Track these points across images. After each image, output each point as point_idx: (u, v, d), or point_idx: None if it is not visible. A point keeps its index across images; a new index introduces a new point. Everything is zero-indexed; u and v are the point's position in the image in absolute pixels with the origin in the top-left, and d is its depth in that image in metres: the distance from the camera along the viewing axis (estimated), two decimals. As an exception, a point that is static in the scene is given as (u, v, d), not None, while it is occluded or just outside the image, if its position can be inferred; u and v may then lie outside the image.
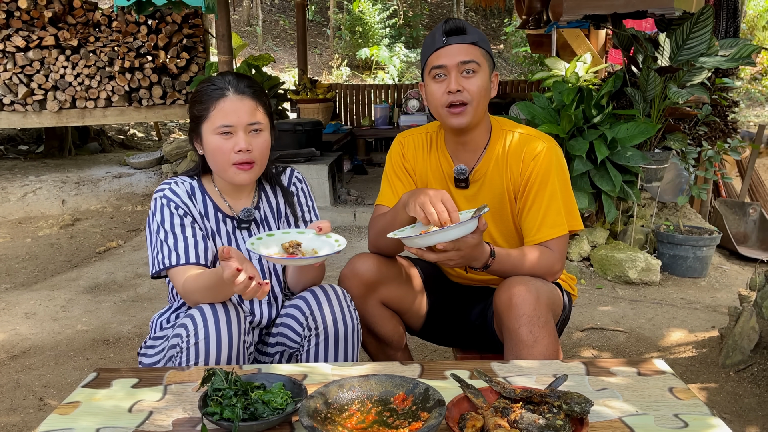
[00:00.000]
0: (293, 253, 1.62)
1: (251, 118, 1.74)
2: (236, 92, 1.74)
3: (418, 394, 1.29)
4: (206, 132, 1.75)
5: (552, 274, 1.87)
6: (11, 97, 6.55)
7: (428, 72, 1.85)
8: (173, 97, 6.81)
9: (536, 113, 4.17)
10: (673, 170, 4.51)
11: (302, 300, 1.80)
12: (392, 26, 16.99)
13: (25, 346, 3.21)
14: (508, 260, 1.79)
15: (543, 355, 1.67)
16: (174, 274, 1.74)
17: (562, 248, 1.87)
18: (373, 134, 7.97)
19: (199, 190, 1.85)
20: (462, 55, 1.79)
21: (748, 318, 2.81)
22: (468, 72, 1.80)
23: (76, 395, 1.41)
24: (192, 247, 1.75)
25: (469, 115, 1.82)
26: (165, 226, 1.76)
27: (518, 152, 1.89)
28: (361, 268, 1.92)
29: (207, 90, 1.75)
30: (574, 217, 1.90)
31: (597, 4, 4.06)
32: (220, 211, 1.85)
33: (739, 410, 2.48)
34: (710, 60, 3.94)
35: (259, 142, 1.75)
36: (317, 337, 1.76)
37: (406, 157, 2.04)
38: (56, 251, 5.10)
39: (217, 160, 1.75)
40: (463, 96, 1.80)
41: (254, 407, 1.27)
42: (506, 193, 1.92)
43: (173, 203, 1.78)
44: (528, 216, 1.88)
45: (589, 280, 4.09)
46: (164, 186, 1.82)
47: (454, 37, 1.80)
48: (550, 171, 1.85)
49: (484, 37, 1.87)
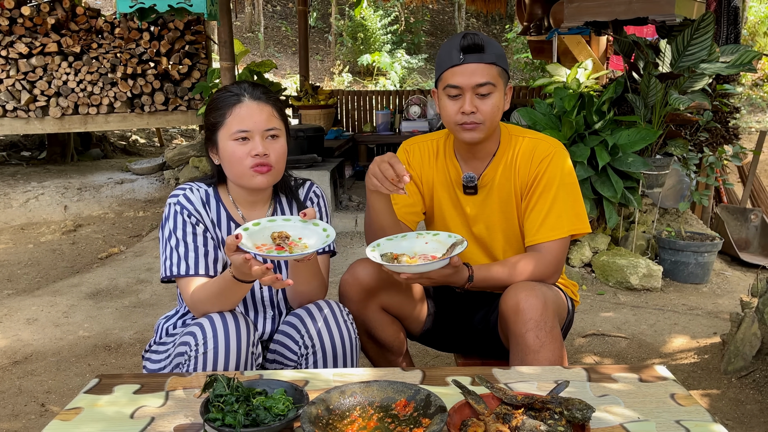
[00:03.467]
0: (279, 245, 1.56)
1: (268, 123, 1.73)
2: (252, 98, 1.73)
3: (419, 401, 1.29)
4: (222, 139, 1.74)
5: (546, 280, 1.87)
6: (14, 104, 6.57)
7: (442, 87, 1.83)
8: (175, 104, 6.83)
9: (537, 119, 4.18)
10: (675, 176, 4.51)
11: (297, 318, 1.78)
12: (394, 33, 17.02)
13: (27, 352, 3.21)
14: (491, 277, 1.82)
15: (549, 361, 1.67)
16: (183, 284, 1.73)
17: (558, 252, 1.87)
18: (375, 140, 7.98)
19: (215, 198, 1.84)
20: (478, 76, 1.77)
21: (750, 324, 2.81)
22: (483, 95, 1.79)
23: (78, 401, 1.41)
24: (202, 258, 1.75)
25: (481, 132, 1.84)
26: (177, 234, 1.76)
27: (528, 155, 1.91)
28: (361, 274, 1.92)
29: (223, 97, 1.75)
30: (580, 219, 1.90)
31: (598, 11, 4.06)
32: (233, 221, 1.84)
33: (741, 417, 2.47)
34: (711, 66, 3.94)
35: (276, 147, 1.74)
36: (314, 355, 1.74)
37: (412, 165, 2.04)
38: (58, 257, 5.11)
39: (234, 165, 1.73)
40: (476, 117, 1.80)
41: (256, 413, 1.27)
42: (513, 196, 1.94)
43: (186, 210, 1.77)
44: (530, 217, 1.90)
45: (590, 286, 4.09)
46: (179, 192, 1.81)
47: (472, 56, 1.77)
48: (556, 174, 1.86)
49: (502, 53, 1.84)
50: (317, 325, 1.74)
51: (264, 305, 1.89)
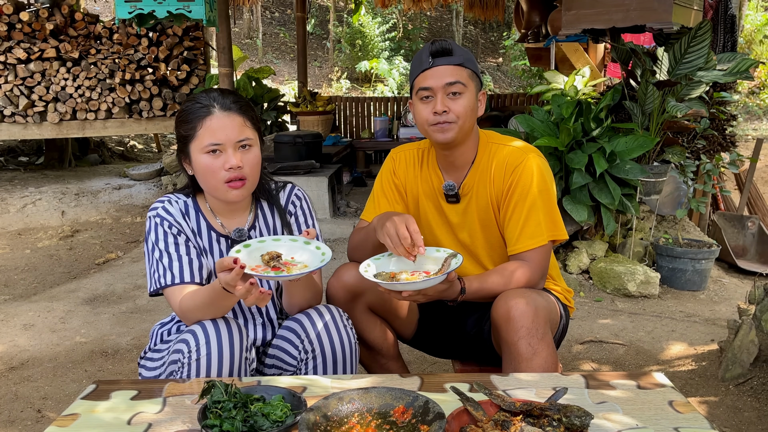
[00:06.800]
0: (275, 266, 1.57)
1: (240, 134, 1.70)
2: (222, 109, 1.70)
3: (417, 407, 1.29)
4: (195, 151, 1.71)
5: (533, 287, 1.88)
6: (12, 109, 6.56)
7: (416, 92, 1.88)
8: (173, 109, 6.83)
9: (535, 126, 4.19)
10: (672, 183, 4.52)
11: (297, 323, 1.78)
12: (392, 39, 17.07)
13: (24, 358, 3.20)
14: (483, 289, 1.83)
15: (542, 368, 1.67)
16: (170, 294, 1.72)
17: (541, 259, 1.88)
18: (373, 146, 8.00)
19: (194, 208, 1.83)
20: (448, 76, 1.82)
21: (747, 331, 2.81)
22: (454, 94, 1.83)
23: (76, 407, 1.41)
24: (186, 266, 1.74)
25: (453, 131, 1.85)
26: (159, 246, 1.75)
27: (501, 164, 1.93)
28: (344, 276, 1.95)
29: (192, 109, 1.71)
30: (557, 226, 1.91)
31: (595, 19, 4.08)
32: (213, 230, 1.83)
33: (739, 424, 2.47)
34: (708, 74, 3.96)
35: (250, 157, 1.72)
36: (314, 360, 1.74)
37: (397, 173, 2.07)
38: (55, 262, 5.10)
39: (208, 179, 1.71)
40: (448, 117, 1.84)
41: (254, 420, 1.26)
42: (490, 204, 1.95)
43: (167, 222, 1.77)
44: (508, 226, 1.91)
45: (588, 292, 4.09)
46: (158, 204, 1.80)
47: (441, 59, 1.83)
48: (531, 182, 1.88)
49: (471, 58, 1.89)
50: (317, 329, 1.75)
51: (252, 312, 1.89)
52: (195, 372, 1.58)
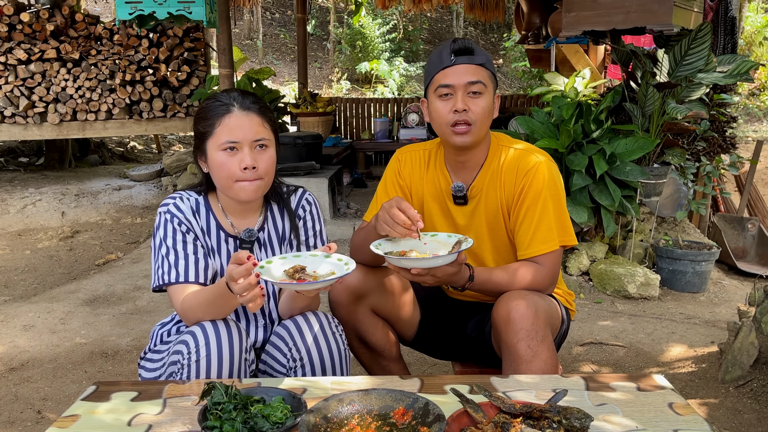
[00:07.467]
0: (300, 278, 1.55)
1: (257, 134, 1.72)
2: (241, 108, 1.73)
3: (417, 409, 1.29)
4: (211, 148, 1.73)
5: (542, 290, 1.87)
6: (12, 110, 6.57)
7: (434, 90, 1.86)
8: (174, 110, 6.83)
9: (535, 128, 4.19)
10: (672, 185, 4.52)
11: (286, 331, 1.77)
12: (392, 41, 17.07)
13: (24, 359, 3.20)
14: (491, 281, 1.82)
15: (541, 370, 1.67)
16: (172, 292, 1.73)
17: (553, 263, 1.88)
18: (373, 148, 8.00)
19: (204, 206, 1.84)
20: (470, 75, 1.81)
21: (747, 333, 2.81)
22: (474, 93, 1.82)
23: (76, 408, 1.41)
24: (192, 265, 1.74)
25: (473, 135, 1.85)
26: (167, 242, 1.75)
27: (513, 167, 1.92)
28: (349, 278, 1.91)
29: (212, 106, 1.74)
30: (567, 232, 1.91)
31: (596, 20, 4.08)
32: (222, 230, 1.84)
33: (739, 426, 2.47)
34: (708, 76, 3.96)
35: (265, 158, 1.74)
36: (303, 368, 1.73)
37: (402, 174, 2.05)
38: (55, 263, 5.10)
39: (222, 176, 1.73)
40: (468, 116, 1.82)
41: (254, 421, 1.26)
42: (500, 207, 1.94)
43: (176, 219, 1.77)
44: (520, 230, 1.90)
45: (588, 294, 4.09)
46: (169, 201, 1.81)
47: (462, 57, 1.82)
48: (543, 186, 1.87)
49: (490, 59, 1.89)
50: (305, 338, 1.73)
51: (254, 314, 1.89)
52: (195, 373, 1.58)
